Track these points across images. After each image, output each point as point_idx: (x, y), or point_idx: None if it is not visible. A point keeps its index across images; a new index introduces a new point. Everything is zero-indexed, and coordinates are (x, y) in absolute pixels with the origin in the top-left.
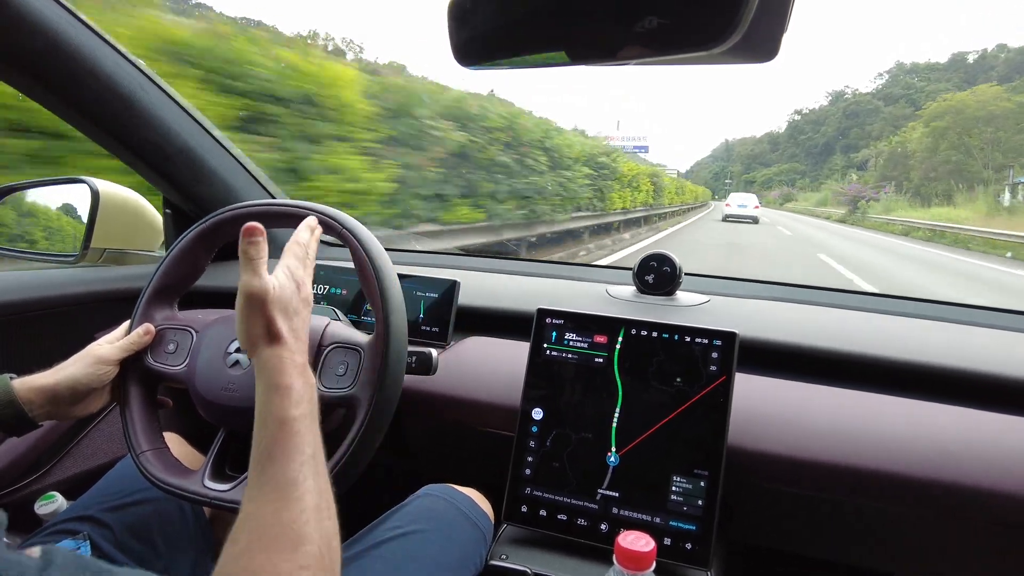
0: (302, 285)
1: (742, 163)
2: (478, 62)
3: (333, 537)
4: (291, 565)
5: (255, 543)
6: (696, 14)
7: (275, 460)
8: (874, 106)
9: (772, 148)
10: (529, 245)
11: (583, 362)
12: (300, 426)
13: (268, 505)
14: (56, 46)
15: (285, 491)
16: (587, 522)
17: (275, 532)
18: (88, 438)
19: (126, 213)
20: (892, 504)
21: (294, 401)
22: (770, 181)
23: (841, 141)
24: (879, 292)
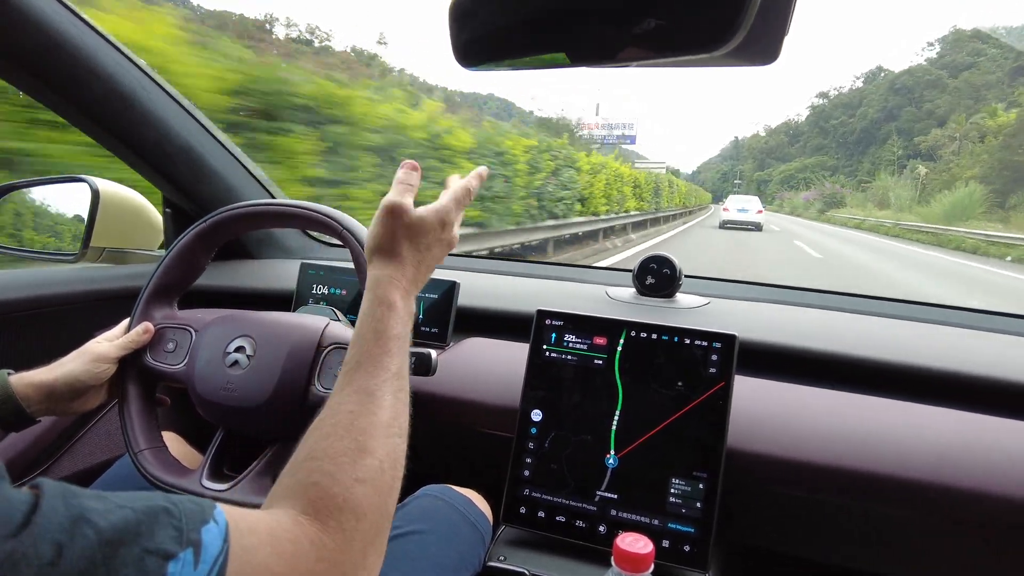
0: (448, 226)
1: (755, 159)
2: (478, 63)
3: (399, 458)
4: (349, 476)
5: (320, 445)
6: (698, 16)
7: (362, 369)
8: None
9: (791, 140)
10: None
11: (582, 364)
12: (393, 345)
13: (343, 409)
14: (57, 45)
15: (363, 399)
16: (585, 524)
17: (341, 442)
18: (86, 437)
19: (126, 212)
20: (890, 506)
21: (396, 318)
22: (791, 179)
23: (887, 125)
24: (880, 296)
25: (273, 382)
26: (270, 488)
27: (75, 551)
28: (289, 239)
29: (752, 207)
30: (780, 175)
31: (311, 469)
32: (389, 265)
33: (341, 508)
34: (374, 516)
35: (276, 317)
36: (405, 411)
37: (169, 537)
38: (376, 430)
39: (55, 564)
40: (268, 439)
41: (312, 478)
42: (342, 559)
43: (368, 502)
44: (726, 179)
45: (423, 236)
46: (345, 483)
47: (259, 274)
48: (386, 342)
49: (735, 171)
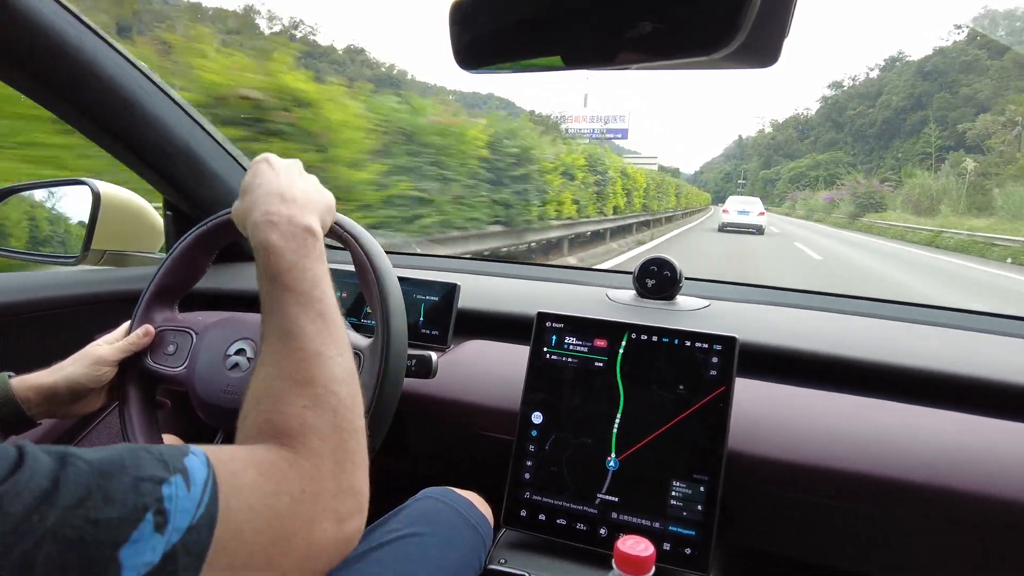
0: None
1: (760, 157)
2: (478, 66)
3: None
4: (294, 406)
5: (259, 390)
6: (698, 19)
7: (270, 315)
8: (971, 57)
9: (800, 135)
10: None
11: (583, 366)
12: (286, 279)
13: (268, 356)
14: (57, 46)
15: (283, 340)
16: (586, 527)
17: (277, 379)
18: (86, 439)
19: (127, 215)
20: (890, 508)
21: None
22: (802, 178)
23: (915, 114)
24: (879, 297)
25: None
26: None
27: (70, 480)
28: None
29: (753, 209)
30: (789, 173)
31: (259, 411)
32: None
33: (302, 432)
34: (338, 434)
35: None
36: (333, 328)
37: (156, 466)
38: (307, 361)
39: (52, 493)
40: None
41: (263, 416)
42: (321, 475)
43: (325, 422)
44: (729, 179)
45: (252, 180)
46: (294, 413)
47: None
48: (278, 279)
49: (739, 171)
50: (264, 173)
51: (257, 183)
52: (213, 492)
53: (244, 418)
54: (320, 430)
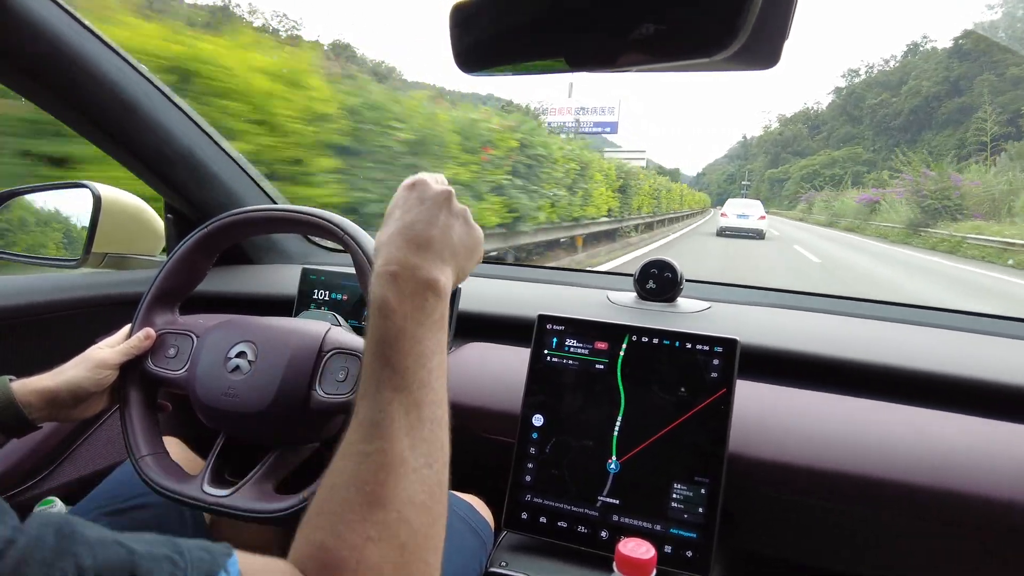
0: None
1: (767, 155)
2: (479, 68)
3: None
4: (357, 535)
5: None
6: (697, 21)
7: (364, 398)
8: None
9: (812, 131)
10: None
11: (584, 369)
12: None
13: (350, 451)
14: (59, 50)
15: (368, 435)
16: (587, 529)
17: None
18: (87, 443)
19: (128, 218)
20: (892, 511)
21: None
22: (815, 176)
23: (951, 101)
24: (880, 299)
25: (274, 388)
26: (271, 494)
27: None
28: (290, 244)
29: (753, 212)
30: (800, 172)
31: (316, 526)
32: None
33: (355, 571)
34: (402, 573)
35: (277, 322)
36: (431, 426)
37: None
38: (389, 470)
39: None
40: (269, 445)
41: (319, 537)
42: None
43: (388, 560)
44: (732, 181)
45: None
46: (353, 543)
47: (260, 279)
48: (384, 351)
49: (743, 171)
50: (405, 202)
51: (395, 215)
52: None
53: (303, 528)
54: (379, 570)
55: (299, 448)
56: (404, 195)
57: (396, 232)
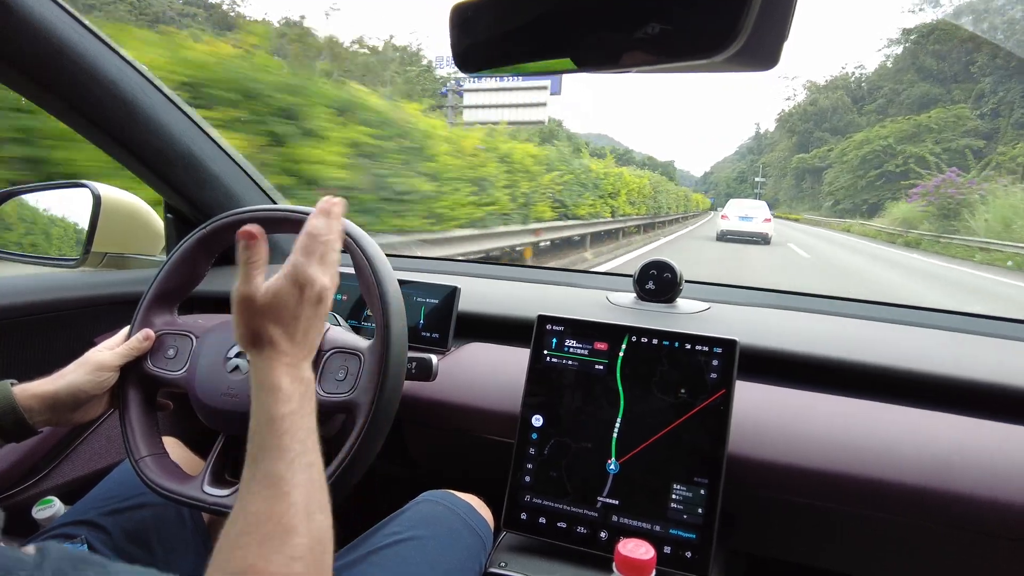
0: (307, 285)
1: (793, 137)
2: (479, 68)
3: (325, 532)
4: (282, 557)
5: (245, 536)
6: (698, 22)
7: (264, 457)
8: None
9: (856, 100)
10: None
11: (583, 369)
12: (288, 424)
13: (258, 500)
14: (59, 51)
15: (274, 486)
16: (587, 530)
17: (265, 526)
18: (87, 443)
19: (127, 217)
20: (892, 513)
21: (282, 400)
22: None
23: None
24: (879, 300)
25: None
26: None
27: None
28: (290, 244)
29: (758, 215)
30: (857, 152)
31: (243, 555)
32: (263, 351)
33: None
34: None
35: None
36: (321, 486)
37: None
38: (295, 510)
39: None
40: None
41: (245, 563)
42: None
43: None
44: (743, 179)
45: (283, 310)
46: (280, 562)
47: None
48: (279, 423)
49: (755, 167)
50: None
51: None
52: None
53: (220, 550)
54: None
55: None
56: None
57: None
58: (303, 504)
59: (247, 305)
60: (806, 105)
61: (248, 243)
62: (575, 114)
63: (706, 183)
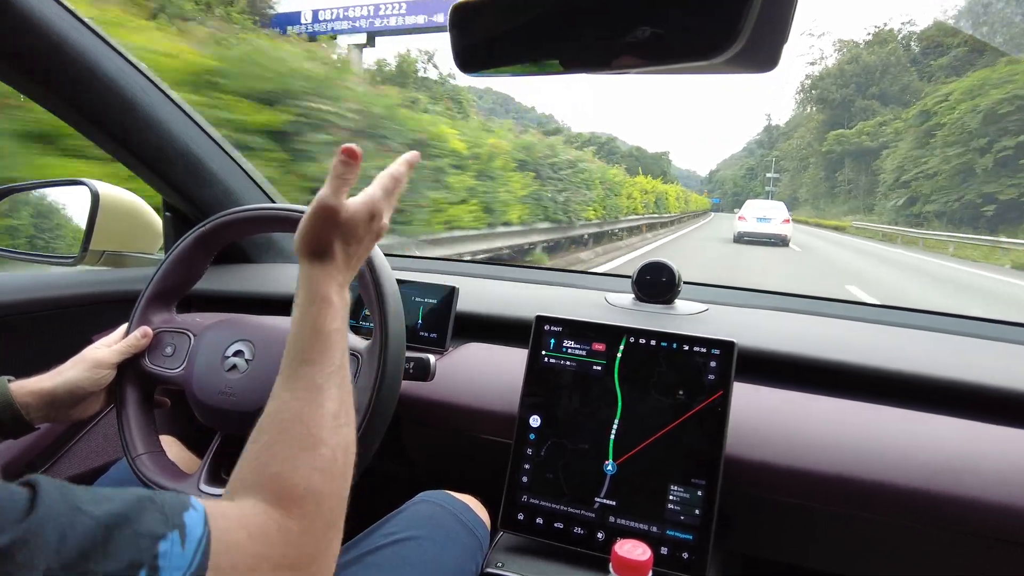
0: (377, 216)
1: (824, 109)
2: (479, 69)
3: (349, 445)
4: (307, 466)
5: (276, 439)
6: (698, 24)
7: (308, 363)
8: None
9: (887, 68)
10: None
11: (581, 370)
12: (334, 338)
13: (293, 404)
14: (59, 48)
15: (311, 394)
16: (584, 531)
17: (296, 431)
18: (84, 441)
19: (126, 215)
20: (890, 516)
21: (331, 314)
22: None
23: None
24: (879, 303)
25: (271, 386)
26: None
27: (76, 535)
28: (288, 243)
29: (776, 215)
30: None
31: (269, 459)
32: (322, 262)
33: (303, 496)
34: (332, 501)
35: (275, 321)
36: (350, 400)
37: (156, 521)
38: (326, 421)
39: (60, 547)
40: None
41: (272, 468)
42: (305, 541)
43: (326, 488)
44: (753, 176)
45: (354, 232)
46: (304, 472)
47: (258, 278)
48: (327, 337)
49: (766, 162)
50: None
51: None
52: (205, 550)
53: (252, 462)
54: (321, 495)
55: None
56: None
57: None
58: (332, 416)
59: (328, 215)
60: (844, 63)
61: (348, 159)
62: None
63: (711, 182)
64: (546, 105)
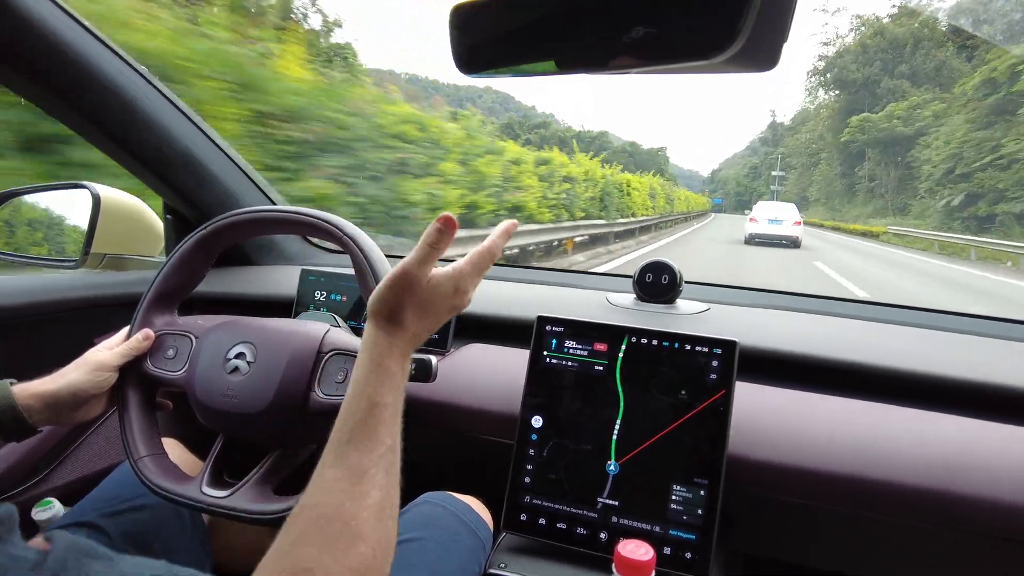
0: (460, 293)
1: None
2: (479, 70)
3: (391, 540)
4: (340, 566)
5: (308, 534)
6: (698, 24)
7: (354, 444)
8: None
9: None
10: None
11: (583, 370)
12: (387, 414)
13: (333, 494)
14: (59, 51)
15: (355, 480)
16: (586, 531)
17: (332, 526)
18: (86, 443)
19: (127, 218)
20: (895, 516)
21: (390, 386)
22: None
23: None
24: (879, 301)
25: (273, 388)
26: (270, 495)
27: None
28: (290, 245)
29: (787, 217)
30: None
31: (302, 555)
32: (390, 330)
33: None
34: None
35: (276, 323)
36: (397, 489)
37: None
38: (369, 514)
39: None
40: (268, 446)
41: (303, 564)
42: None
43: None
44: (756, 175)
45: (432, 305)
46: (337, 571)
47: (259, 280)
48: (380, 411)
49: (770, 160)
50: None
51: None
52: None
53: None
54: None
55: (298, 449)
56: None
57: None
58: (377, 507)
59: (408, 281)
60: (866, 38)
61: (444, 228)
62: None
63: (714, 182)
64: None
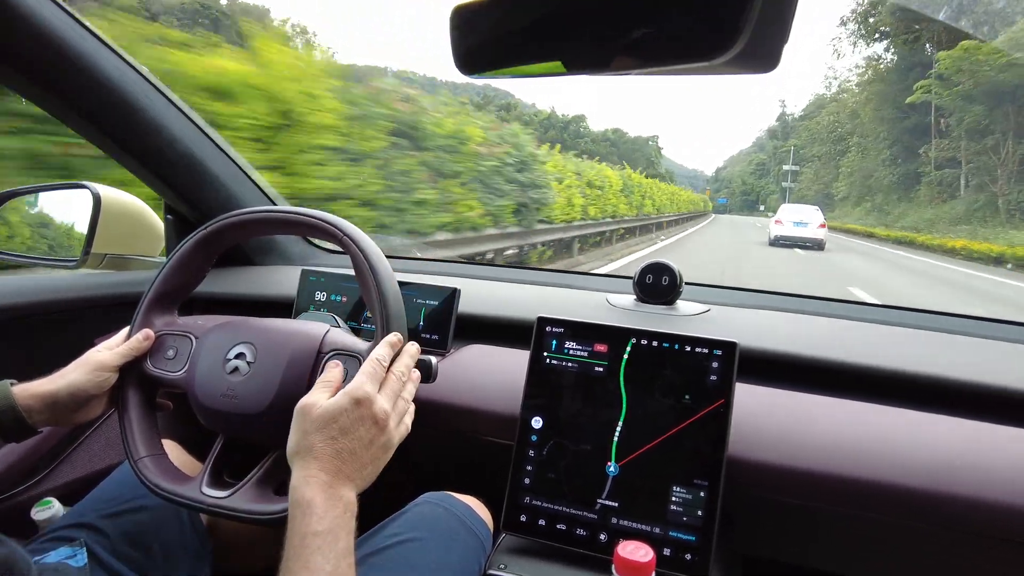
0: (365, 402)
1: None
2: (479, 71)
3: None
4: None
5: None
6: (698, 25)
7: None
8: None
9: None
10: None
11: (583, 371)
12: (317, 542)
13: None
14: (60, 52)
15: None
16: (586, 532)
17: None
18: (86, 444)
19: (127, 218)
20: (894, 516)
21: (314, 518)
22: None
23: None
24: (880, 303)
25: (273, 389)
26: (270, 495)
27: None
28: (290, 246)
29: (812, 220)
30: None
31: None
32: (304, 465)
33: None
34: None
35: (276, 324)
36: None
37: None
38: None
39: None
40: (268, 446)
41: None
42: None
43: None
44: (764, 172)
45: (333, 423)
46: None
47: (260, 281)
48: (309, 542)
49: (781, 153)
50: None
51: (337, 426)
52: None
53: None
54: None
55: None
56: (350, 410)
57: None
58: None
59: (303, 413)
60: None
61: (339, 365)
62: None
63: (718, 180)
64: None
